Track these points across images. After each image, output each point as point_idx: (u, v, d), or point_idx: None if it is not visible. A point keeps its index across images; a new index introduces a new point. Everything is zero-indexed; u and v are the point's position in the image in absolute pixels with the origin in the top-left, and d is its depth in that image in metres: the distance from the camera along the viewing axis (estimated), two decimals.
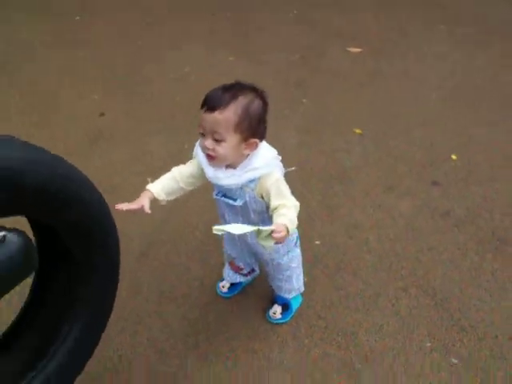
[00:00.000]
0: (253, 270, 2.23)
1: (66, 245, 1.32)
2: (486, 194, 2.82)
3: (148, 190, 1.75)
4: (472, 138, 3.28)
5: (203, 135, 1.62)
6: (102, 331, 1.61)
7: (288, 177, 1.76)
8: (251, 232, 1.59)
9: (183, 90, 3.78)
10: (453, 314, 2.18)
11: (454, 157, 3.11)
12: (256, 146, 1.66)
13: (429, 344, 2.06)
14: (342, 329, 2.12)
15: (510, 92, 3.76)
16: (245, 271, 2.20)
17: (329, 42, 4.61)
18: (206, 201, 2.50)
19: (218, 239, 2.18)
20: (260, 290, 2.29)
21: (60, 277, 1.44)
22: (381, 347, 2.04)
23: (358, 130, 3.37)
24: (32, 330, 1.45)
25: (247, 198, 1.73)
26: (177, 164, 1.84)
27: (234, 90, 1.60)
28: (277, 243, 1.61)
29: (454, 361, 2.00)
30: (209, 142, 1.60)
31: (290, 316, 2.16)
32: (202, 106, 1.60)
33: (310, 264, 2.37)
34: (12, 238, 1.13)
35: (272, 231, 1.54)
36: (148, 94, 3.76)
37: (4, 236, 1.11)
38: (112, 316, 1.68)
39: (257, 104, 1.63)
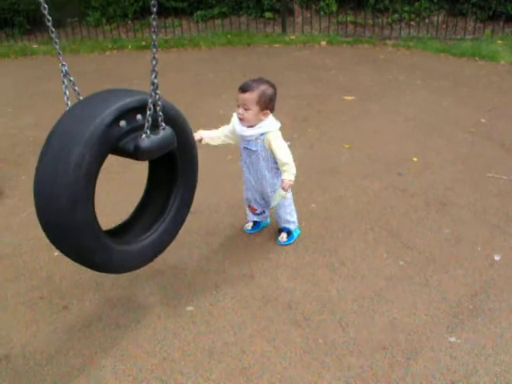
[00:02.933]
0: (263, 212, 3.35)
1: (175, 155, 2.44)
2: (435, 179, 3.97)
3: (198, 132, 3.02)
4: (428, 147, 4.47)
5: (238, 106, 2.85)
6: (187, 212, 2.68)
7: (296, 166, 2.92)
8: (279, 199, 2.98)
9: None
10: (403, 240, 3.27)
11: (415, 159, 4.29)
12: (268, 114, 2.89)
13: (385, 255, 3.15)
14: (328, 248, 3.23)
15: (457, 120, 5.04)
16: (258, 211, 3.32)
17: (330, 92, 5.94)
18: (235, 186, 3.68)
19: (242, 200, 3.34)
20: (272, 229, 3.42)
21: (166, 176, 2.57)
22: (352, 257, 3.13)
23: (347, 145, 4.58)
24: (151, 206, 2.60)
25: (259, 147, 2.94)
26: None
27: (257, 81, 2.86)
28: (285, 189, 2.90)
29: (401, 263, 3.08)
30: (241, 110, 2.84)
31: (293, 240, 3.28)
32: (239, 89, 2.84)
33: (308, 217, 3.52)
34: (168, 129, 2.25)
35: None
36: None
37: (164, 127, 2.22)
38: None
39: (269, 90, 2.88)
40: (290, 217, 3.24)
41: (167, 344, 2.54)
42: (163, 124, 2.21)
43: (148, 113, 2.10)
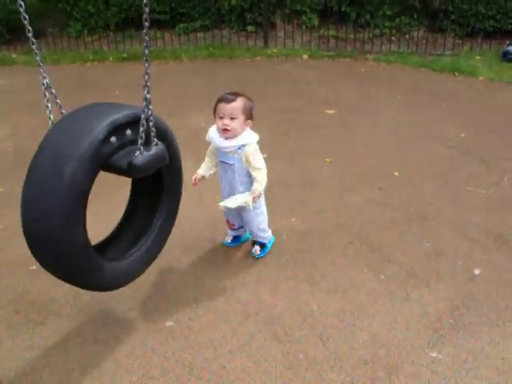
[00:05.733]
0: (241, 227, 3.32)
1: (161, 170, 2.40)
2: (416, 193, 3.99)
3: (197, 173, 3.07)
4: (409, 161, 4.50)
5: (221, 118, 2.84)
6: (173, 224, 2.69)
7: (273, 185, 2.92)
8: (241, 202, 2.86)
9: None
10: (383, 255, 3.27)
11: (396, 173, 4.31)
12: (250, 124, 2.92)
13: (366, 269, 3.15)
14: (308, 262, 3.21)
15: (437, 134, 5.09)
16: (236, 227, 3.31)
17: (311, 106, 5.96)
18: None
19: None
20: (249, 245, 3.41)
21: (151, 189, 2.57)
22: (333, 271, 3.12)
23: (327, 159, 4.59)
24: (136, 220, 2.60)
25: (235, 160, 2.92)
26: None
27: (236, 93, 2.86)
28: (254, 199, 2.88)
29: (382, 277, 3.08)
30: (227, 121, 2.82)
31: (267, 252, 3.28)
32: (222, 101, 2.84)
33: (288, 230, 3.51)
34: (160, 144, 2.23)
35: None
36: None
37: (157, 143, 2.21)
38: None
39: (248, 100, 2.89)
40: (263, 233, 3.23)
41: (146, 360, 2.50)
42: (155, 140, 2.18)
43: (141, 129, 2.08)
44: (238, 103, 2.84)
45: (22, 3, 2.11)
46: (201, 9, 9.16)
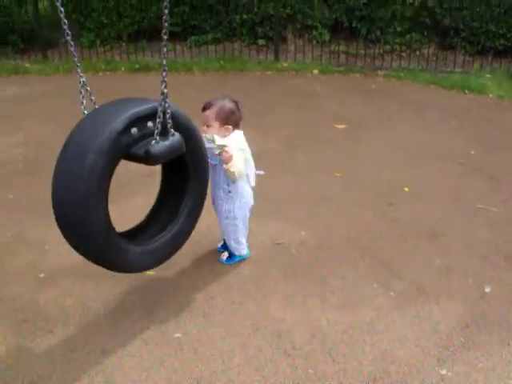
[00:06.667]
0: None
1: (185, 159, 2.55)
2: (426, 209, 3.97)
3: None
4: (419, 178, 4.49)
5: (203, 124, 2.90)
6: (201, 209, 2.80)
7: (283, 198, 2.89)
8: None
9: None
10: (393, 271, 3.25)
11: (406, 189, 4.30)
12: (230, 130, 2.93)
13: (376, 285, 3.13)
14: (318, 277, 3.20)
15: (447, 151, 5.08)
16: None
17: (322, 121, 5.96)
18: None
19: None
20: (262, 258, 3.39)
21: (179, 178, 2.69)
22: (343, 286, 3.12)
23: (337, 174, 4.58)
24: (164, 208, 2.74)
25: (218, 161, 2.95)
26: None
27: (218, 99, 2.95)
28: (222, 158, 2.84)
29: (391, 293, 3.06)
30: (204, 128, 2.89)
31: (233, 262, 3.29)
32: (202, 108, 2.92)
33: (298, 244, 3.50)
34: (177, 134, 2.36)
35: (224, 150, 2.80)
36: None
37: (173, 133, 2.33)
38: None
39: (228, 105, 2.94)
40: (234, 243, 3.23)
41: (153, 372, 2.48)
42: (172, 130, 2.33)
43: (157, 120, 2.25)
44: (211, 111, 2.89)
45: (62, 9, 2.35)
46: (212, 22, 9.20)
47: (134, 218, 2.81)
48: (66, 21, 2.37)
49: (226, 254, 3.31)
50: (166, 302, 2.96)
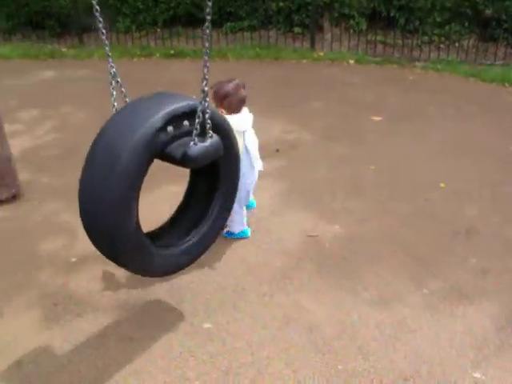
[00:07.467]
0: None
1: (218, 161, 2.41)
2: (463, 206, 3.87)
3: None
4: (456, 173, 4.37)
5: None
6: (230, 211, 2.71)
7: (317, 189, 2.91)
8: None
9: None
10: (428, 268, 3.18)
11: (442, 184, 4.19)
12: (224, 112, 2.90)
13: (409, 282, 3.06)
14: (351, 271, 3.15)
15: (485, 146, 4.93)
16: None
17: (358, 112, 5.85)
18: None
19: None
20: (296, 253, 3.36)
21: (209, 179, 2.58)
22: (376, 282, 3.06)
23: (372, 166, 4.50)
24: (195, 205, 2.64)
25: None
26: None
27: (217, 83, 2.96)
28: None
29: (425, 291, 2.99)
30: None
31: (229, 237, 3.37)
32: None
33: (331, 238, 3.46)
34: (215, 136, 2.25)
35: None
36: None
37: (212, 135, 2.22)
38: None
39: (226, 88, 2.94)
40: (229, 222, 3.18)
41: (182, 362, 2.48)
42: (211, 132, 2.20)
43: (197, 120, 2.12)
44: (211, 92, 2.86)
45: None
46: (248, 8, 9.13)
47: (172, 205, 2.77)
48: (97, 7, 2.25)
49: (226, 228, 3.35)
50: (195, 293, 2.95)
